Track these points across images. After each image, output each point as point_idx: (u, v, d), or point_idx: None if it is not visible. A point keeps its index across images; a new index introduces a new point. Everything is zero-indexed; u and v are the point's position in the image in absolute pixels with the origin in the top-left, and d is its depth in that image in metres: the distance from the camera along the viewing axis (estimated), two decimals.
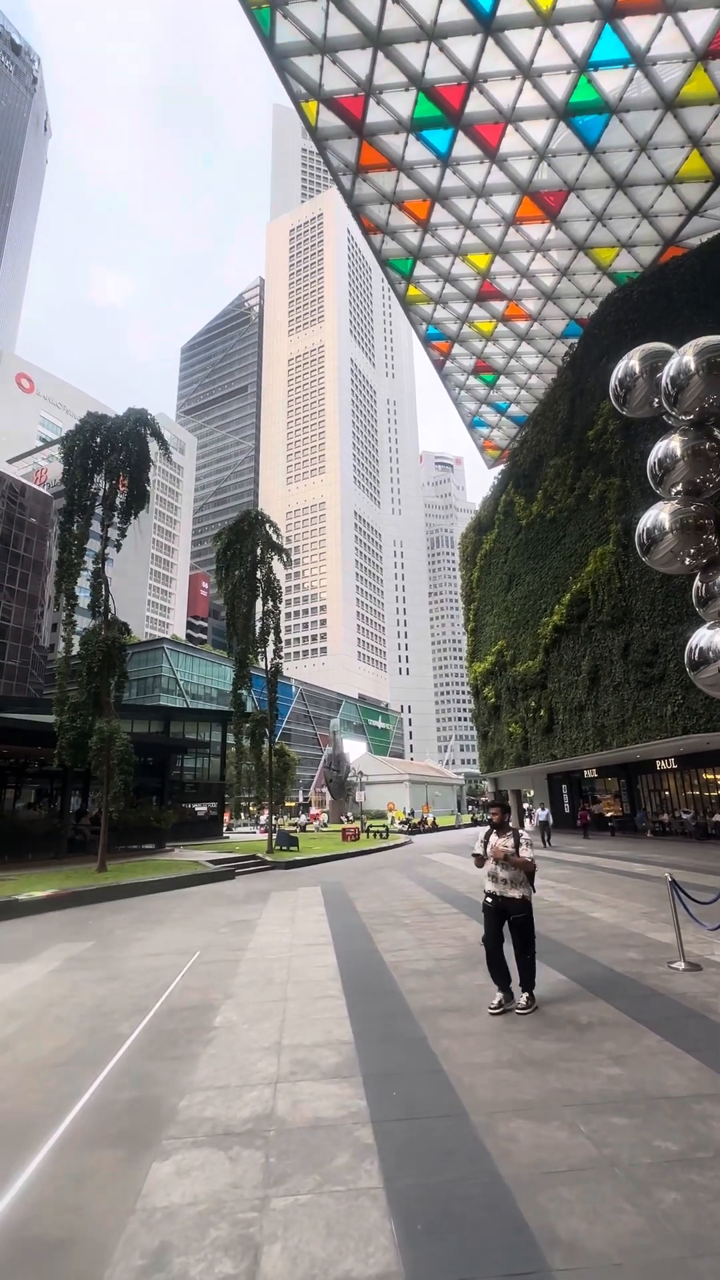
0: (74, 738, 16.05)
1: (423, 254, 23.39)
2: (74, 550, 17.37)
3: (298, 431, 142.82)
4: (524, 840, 5.47)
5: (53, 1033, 5.27)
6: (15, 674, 64.59)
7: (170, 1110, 3.83)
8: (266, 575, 24.90)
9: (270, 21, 16.11)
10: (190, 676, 77.72)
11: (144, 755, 23.96)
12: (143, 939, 9.01)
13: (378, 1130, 3.50)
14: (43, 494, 72.76)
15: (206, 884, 15.46)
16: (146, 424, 18.61)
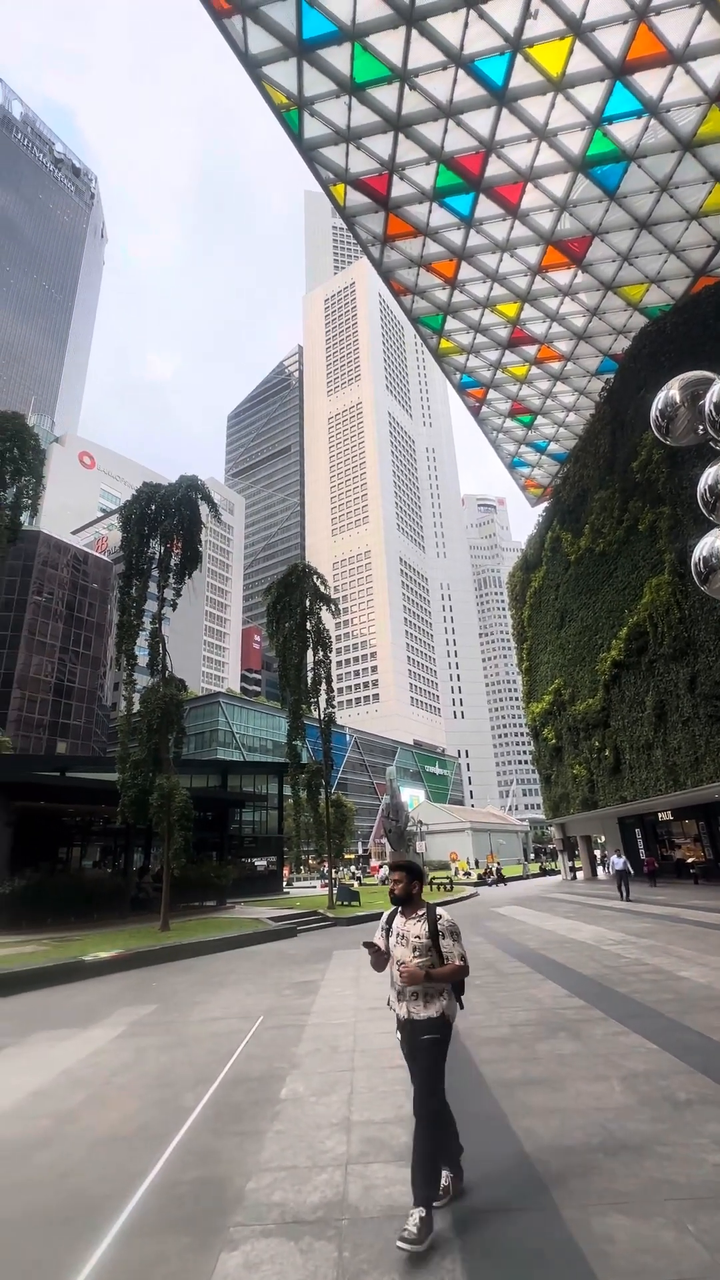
0: (136, 795, 16.36)
1: (452, 309, 24.22)
2: (133, 612, 18.15)
3: (341, 485, 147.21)
4: (446, 928, 3.54)
5: (118, 1103, 5.16)
6: (80, 733, 67.03)
7: (237, 1193, 3.65)
8: (316, 625, 25.25)
9: (299, 120, 17.54)
10: (246, 729, 78.66)
11: (203, 810, 24.13)
12: (205, 1002, 8.84)
13: (458, 1223, 3.21)
14: (104, 560, 76.99)
15: (268, 943, 15.16)
16: (196, 489, 19.57)
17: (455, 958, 3.50)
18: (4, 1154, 4.32)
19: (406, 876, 3.63)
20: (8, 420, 16.54)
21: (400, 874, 3.65)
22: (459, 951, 3.53)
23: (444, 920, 3.58)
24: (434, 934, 3.49)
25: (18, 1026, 7.93)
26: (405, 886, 3.63)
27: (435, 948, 3.48)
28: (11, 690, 61.24)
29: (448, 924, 3.57)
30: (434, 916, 3.57)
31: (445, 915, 3.62)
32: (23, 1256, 3.14)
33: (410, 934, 3.54)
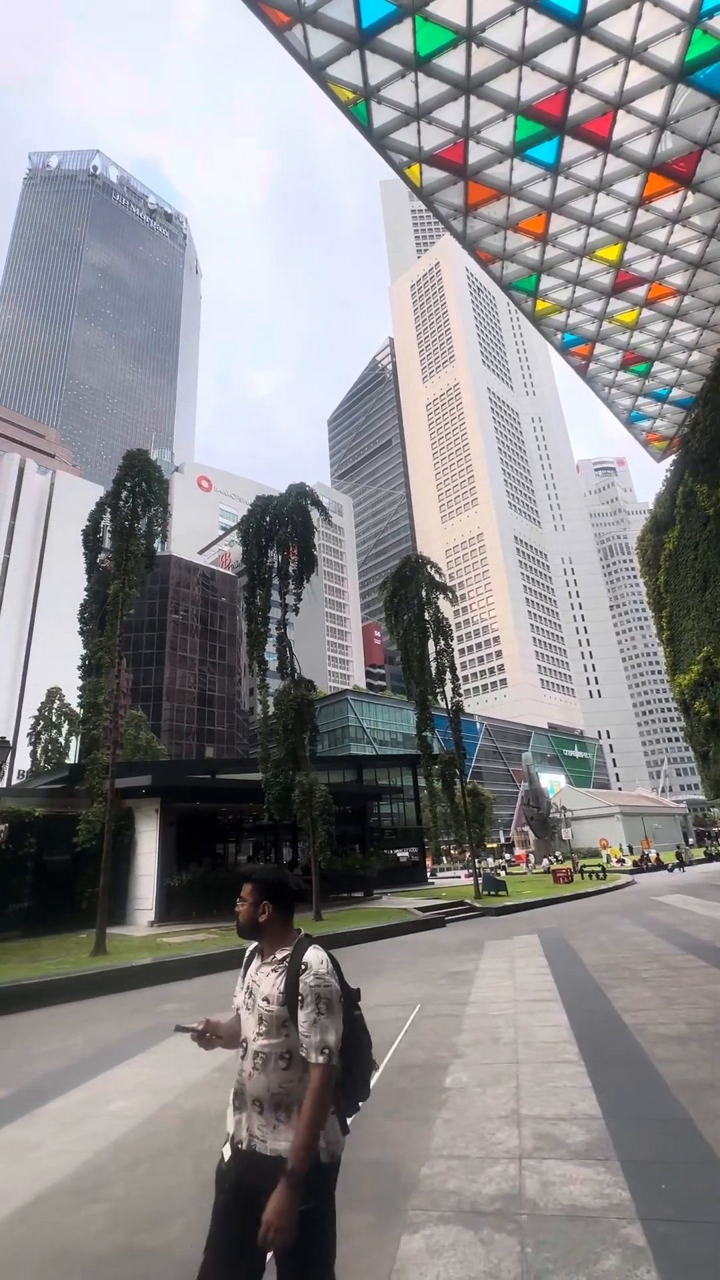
0: (279, 792, 17.28)
1: (546, 266, 22.83)
2: (259, 620, 19.17)
3: (445, 470, 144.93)
4: (312, 990, 2.03)
5: None
6: (224, 738, 72.13)
7: (412, 1177, 3.71)
8: (435, 615, 25.08)
9: (367, 111, 17.43)
10: (375, 723, 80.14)
11: (342, 805, 24.94)
12: (363, 989, 9.10)
13: (649, 1231, 3.02)
14: (229, 575, 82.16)
15: (418, 932, 15.33)
16: (306, 496, 20.21)
17: (313, 1051, 1.94)
18: (200, 1121, 4.74)
19: (254, 894, 2.24)
20: (134, 457, 18.13)
21: (246, 889, 2.28)
22: (320, 1040, 1.95)
23: (313, 975, 2.03)
24: (291, 998, 2.02)
25: (199, 1007, 8.69)
26: (249, 911, 2.23)
27: (294, 1020, 2.00)
28: (162, 702, 67.30)
29: (317, 984, 2.01)
30: (297, 966, 2.07)
31: (320, 965, 2.07)
32: None
33: (260, 993, 2.12)
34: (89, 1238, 3.33)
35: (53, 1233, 3.40)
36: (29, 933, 16.16)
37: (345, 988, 2.20)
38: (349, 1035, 2.11)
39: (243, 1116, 2.11)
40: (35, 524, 73.94)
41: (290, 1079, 2.02)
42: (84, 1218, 3.52)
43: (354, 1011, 2.20)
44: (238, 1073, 2.15)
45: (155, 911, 17.46)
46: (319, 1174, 2.00)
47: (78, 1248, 3.25)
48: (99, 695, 16.10)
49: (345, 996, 2.18)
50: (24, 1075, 6.23)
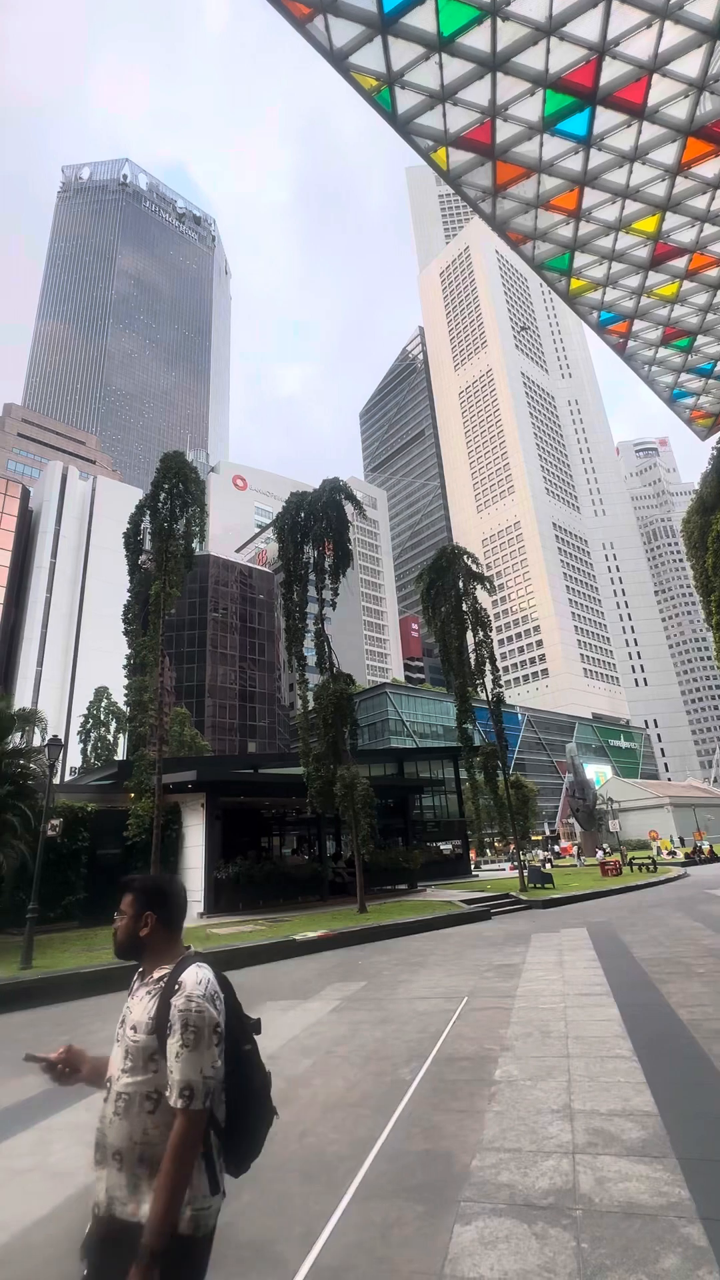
0: (321, 786, 17.43)
1: (580, 243, 22.14)
2: (297, 616, 19.32)
3: (480, 459, 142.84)
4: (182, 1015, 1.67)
5: (341, 1072, 5.53)
6: (265, 733, 73.14)
7: (463, 1169, 3.70)
8: (473, 606, 24.80)
9: (391, 98, 17.19)
10: (414, 716, 79.92)
11: (384, 797, 25.00)
12: (409, 981, 9.13)
13: (710, 1231, 2.94)
14: (266, 572, 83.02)
15: (463, 925, 15.26)
16: (340, 490, 20.23)
17: (173, 1092, 1.61)
18: None
19: (134, 905, 1.90)
20: (171, 460, 18.50)
21: (125, 900, 1.91)
22: (183, 1079, 1.61)
23: (184, 997, 1.69)
24: (161, 1026, 1.69)
25: (247, 997, 8.83)
26: (128, 926, 1.89)
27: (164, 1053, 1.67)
28: (204, 699, 68.65)
29: (187, 1007, 1.66)
30: (171, 988, 1.73)
31: (196, 985, 1.72)
32: (286, 1203, 3.49)
33: (129, 1020, 1.78)
34: None
35: None
36: (86, 923, 16.78)
37: (236, 1015, 1.81)
38: (234, 1075, 1.74)
39: (104, 1173, 1.68)
40: (79, 529, 76.27)
41: (157, 1126, 1.65)
42: None
43: (244, 1046, 1.81)
44: (99, 1118, 1.75)
45: (204, 903, 17.88)
46: (182, 1251, 1.55)
47: None
48: (144, 693, 16.54)
49: (234, 1026, 1.78)
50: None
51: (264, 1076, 1.88)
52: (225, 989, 1.83)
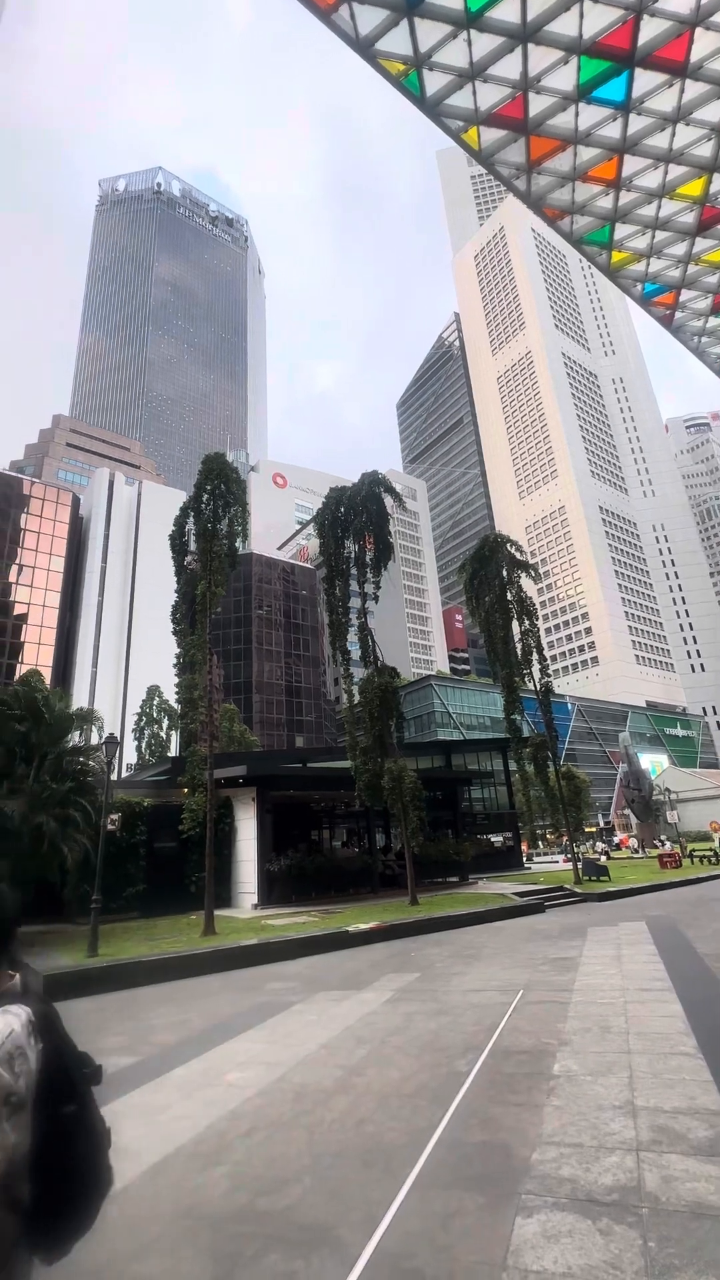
0: (368, 779, 17.50)
1: (620, 214, 21.31)
2: (339, 611, 19.40)
3: (521, 444, 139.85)
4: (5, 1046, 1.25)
5: (396, 1062, 5.56)
6: (312, 727, 73.90)
7: (523, 1162, 3.67)
8: (517, 595, 24.36)
9: (419, 81, 16.91)
10: (461, 708, 79.24)
11: (432, 790, 24.90)
12: (462, 974, 9.10)
13: None
14: (308, 568, 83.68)
15: (515, 917, 15.09)
16: (379, 484, 20.16)
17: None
18: (310, 1094, 4.93)
19: None
20: (212, 461, 18.80)
21: None
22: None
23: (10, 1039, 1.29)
24: None
25: (303, 986, 9.02)
26: None
27: None
28: (252, 695, 69.87)
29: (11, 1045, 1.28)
30: None
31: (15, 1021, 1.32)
32: (346, 1189, 3.55)
33: None
34: (214, 1197, 3.55)
35: (181, 1191, 3.66)
36: (146, 914, 17.40)
37: (59, 1069, 1.38)
38: (50, 1144, 1.32)
39: None
40: (127, 533, 78.60)
41: None
42: (208, 1179, 3.76)
43: (66, 1107, 1.37)
44: None
45: (258, 895, 18.26)
46: None
47: (204, 1206, 3.47)
48: (194, 691, 16.93)
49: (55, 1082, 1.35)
50: (150, 1045, 6.72)
51: (96, 1139, 1.42)
52: (50, 1034, 1.40)
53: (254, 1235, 3.14)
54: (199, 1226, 3.27)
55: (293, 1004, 7.96)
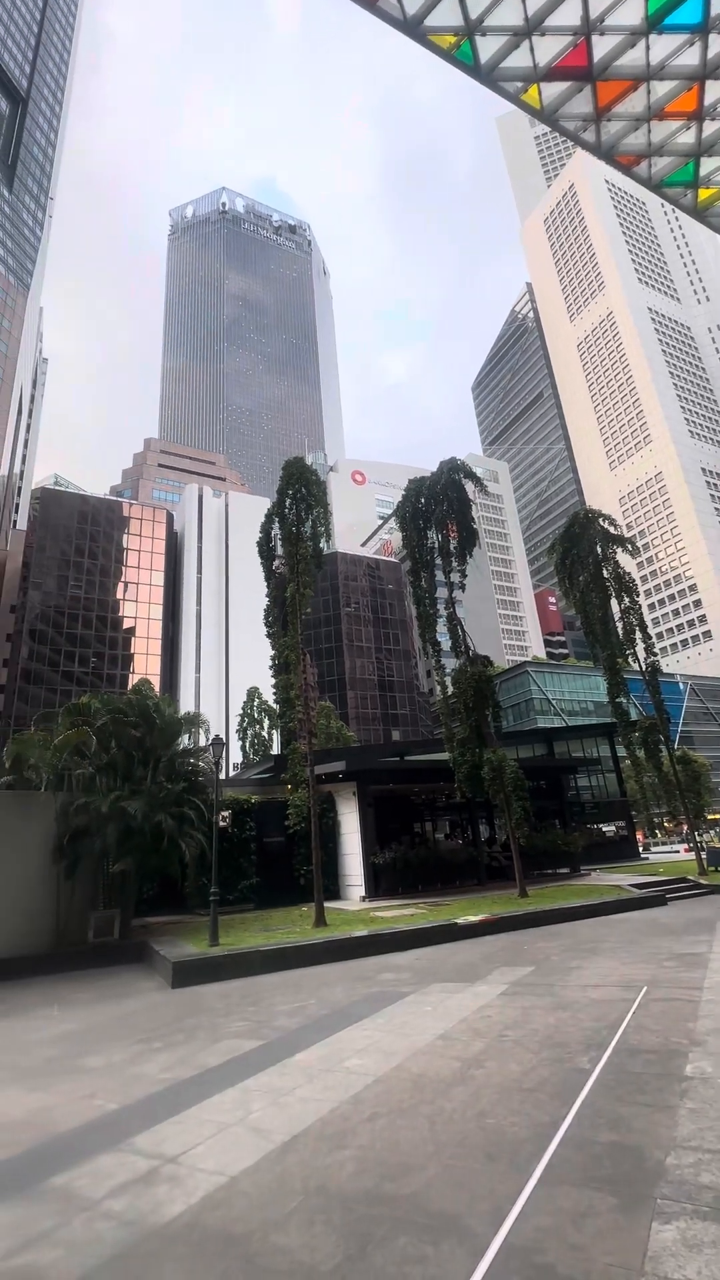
0: (468, 770, 17.29)
1: (705, 147, 19.52)
2: (427, 602, 19.27)
3: (608, 411, 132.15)
4: None
5: (515, 1056, 5.48)
6: (408, 720, 73.96)
7: (656, 1165, 3.51)
8: (614, 571, 23.09)
9: (472, 50, 16.36)
10: (560, 693, 76.30)
11: (535, 779, 24.18)
12: (579, 968, 8.79)
13: None
14: (392, 562, 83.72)
15: (634, 910, 14.37)
16: (458, 470, 19.80)
17: None
18: (429, 1084, 4.97)
19: None
20: (292, 466, 19.30)
21: None
22: None
23: None
24: None
25: (415, 978, 9.08)
26: None
27: None
28: (346, 692, 71.01)
29: None
30: None
31: None
32: (471, 1179, 3.56)
33: None
34: (342, 1179, 3.67)
35: (310, 1170, 3.81)
36: (260, 905, 18.22)
37: None
38: None
39: None
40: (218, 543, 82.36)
41: None
42: (335, 1160, 3.90)
43: None
44: None
45: (365, 887, 18.58)
46: None
47: (333, 1186, 3.60)
48: (290, 691, 17.50)
49: None
50: (273, 1029, 7.05)
51: None
52: None
53: (383, 1218, 3.22)
54: (330, 1204, 3.40)
55: (406, 995, 8.04)
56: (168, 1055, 6.44)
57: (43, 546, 68.80)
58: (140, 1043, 7.02)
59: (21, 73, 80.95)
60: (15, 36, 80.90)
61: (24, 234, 76.25)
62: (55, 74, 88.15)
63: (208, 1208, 3.48)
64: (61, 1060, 6.75)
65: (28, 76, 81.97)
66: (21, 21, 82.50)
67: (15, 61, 79.81)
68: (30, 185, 79.34)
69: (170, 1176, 3.86)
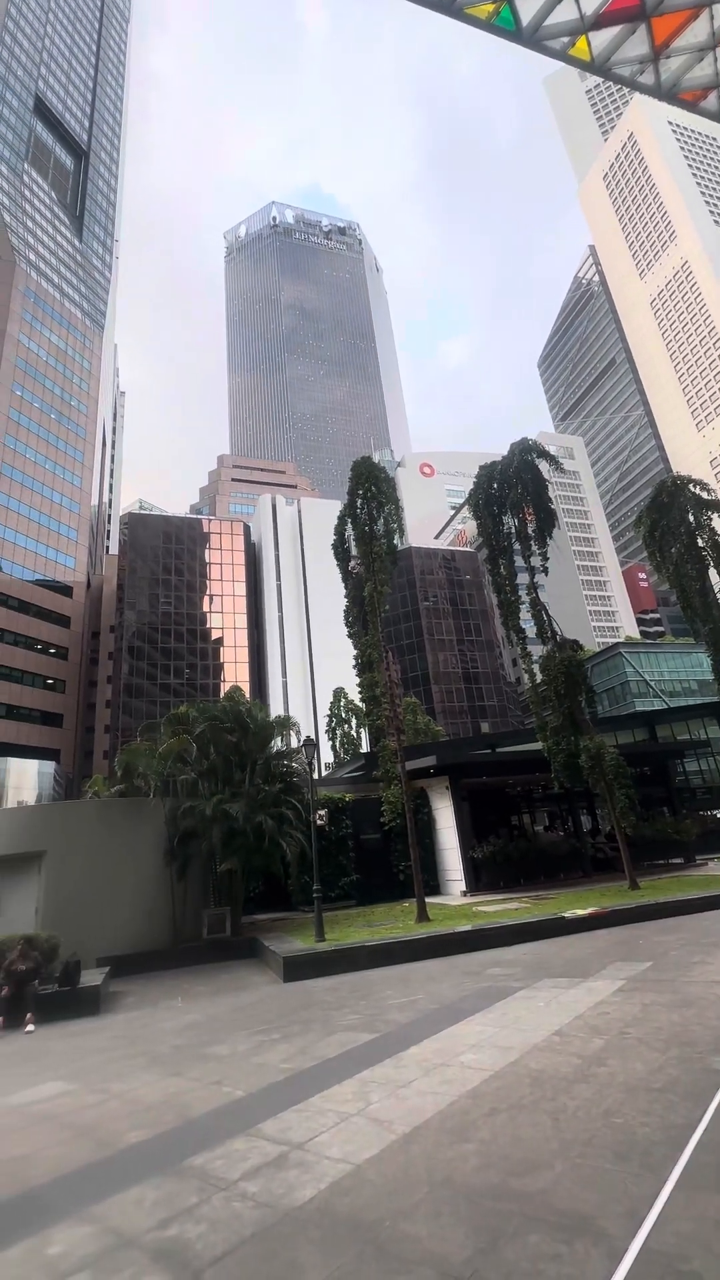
0: (564, 759, 16.71)
1: None
2: (508, 590, 18.79)
3: (691, 368, 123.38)
4: None
5: (638, 1055, 5.24)
6: (496, 711, 72.48)
7: None
8: (710, 540, 21.54)
9: (512, 13, 15.77)
10: (658, 674, 71.99)
11: (637, 766, 22.98)
12: (704, 963, 8.28)
13: None
14: (468, 552, 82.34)
15: None
16: (530, 450, 19.18)
17: None
18: (549, 1081, 4.86)
19: None
20: (360, 466, 19.44)
21: None
22: None
23: None
24: None
25: (525, 973, 8.90)
26: None
27: None
28: (430, 687, 70.58)
29: None
30: None
31: None
32: (603, 1180, 3.45)
33: None
34: (466, 1172, 3.66)
35: (434, 1162, 3.83)
36: (361, 902, 18.48)
37: None
38: None
39: None
40: (294, 549, 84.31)
41: None
42: (457, 1154, 3.89)
43: None
44: None
45: (465, 882, 18.39)
46: None
47: (457, 1179, 3.60)
48: (376, 689, 17.62)
49: None
50: (384, 1023, 7.14)
51: None
52: None
53: (512, 1213, 3.19)
54: (456, 1197, 3.40)
55: (516, 990, 7.89)
56: (287, 1046, 6.68)
57: (134, 568, 73.12)
58: (260, 1033, 7.33)
59: (81, 128, 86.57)
60: (75, 95, 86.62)
61: (94, 278, 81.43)
62: (111, 124, 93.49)
63: (336, 1194, 3.58)
64: (190, 1048, 7.17)
65: (87, 130, 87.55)
66: (79, 79, 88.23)
67: (75, 118, 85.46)
68: (96, 231, 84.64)
69: (299, 1162, 4.01)
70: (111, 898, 14.11)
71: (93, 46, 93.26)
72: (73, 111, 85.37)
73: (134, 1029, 8.68)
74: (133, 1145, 4.65)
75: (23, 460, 61.43)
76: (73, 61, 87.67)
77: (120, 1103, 5.62)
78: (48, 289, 69.66)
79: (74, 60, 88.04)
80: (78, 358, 70.77)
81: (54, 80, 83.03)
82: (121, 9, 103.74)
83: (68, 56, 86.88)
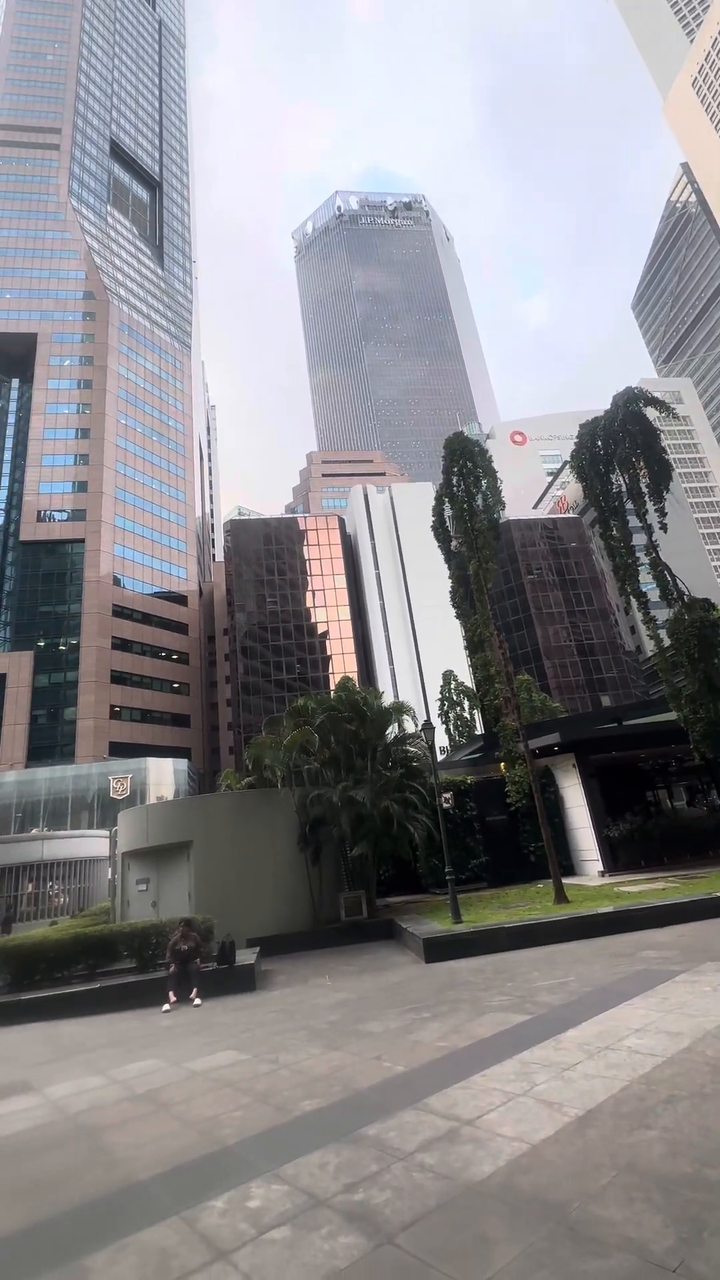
0: (704, 729, 15.48)
1: None
2: (623, 552, 17.61)
3: None
4: None
5: None
6: (616, 683, 68.47)
7: None
8: None
9: None
10: None
11: None
12: None
13: None
14: (570, 518, 78.22)
15: None
16: (636, 399, 17.79)
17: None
18: None
19: None
20: (453, 443, 18.99)
21: None
22: None
23: None
24: None
25: (683, 956, 8.37)
26: None
27: None
28: (542, 662, 68.02)
29: None
30: None
31: None
32: None
33: None
34: (653, 1159, 3.51)
35: (615, 1146, 3.71)
36: (492, 884, 18.25)
37: None
38: None
39: None
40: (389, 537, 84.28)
41: None
42: (640, 1140, 3.74)
43: None
44: None
45: (603, 862, 17.60)
46: None
47: (643, 1164, 3.46)
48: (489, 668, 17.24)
49: None
50: (535, 1005, 7.02)
51: None
52: None
53: (713, 1204, 3.01)
54: (646, 1184, 3.27)
55: (676, 973, 7.44)
56: (439, 1025, 6.76)
57: (239, 572, 76.70)
58: (410, 1012, 7.47)
59: (153, 159, 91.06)
60: (144, 130, 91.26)
61: (178, 302, 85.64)
62: (178, 150, 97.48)
63: (516, 1171, 3.56)
64: (344, 1024, 7.46)
65: (158, 162, 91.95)
66: (146, 114, 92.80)
67: (146, 152, 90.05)
68: (176, 256, 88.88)
69: (471, 1138, 4.04)
70: (254, 883, 14.99)
71: (155, 79, 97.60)
72: (143, 146, 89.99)
73: (290, 1004, 9.18)
74: (308, 1113, 4.92)
75: (133, 484, 66.33)
76: (139, 99, 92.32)
77: (290, 1072, 5.96)
78: (138, 319, 74.28)
79: (140, 96, 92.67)
80: (171, 380, 75.00)
81: (124, 120, 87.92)
82: (177, 35, 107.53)
83: (134, 95, 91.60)
